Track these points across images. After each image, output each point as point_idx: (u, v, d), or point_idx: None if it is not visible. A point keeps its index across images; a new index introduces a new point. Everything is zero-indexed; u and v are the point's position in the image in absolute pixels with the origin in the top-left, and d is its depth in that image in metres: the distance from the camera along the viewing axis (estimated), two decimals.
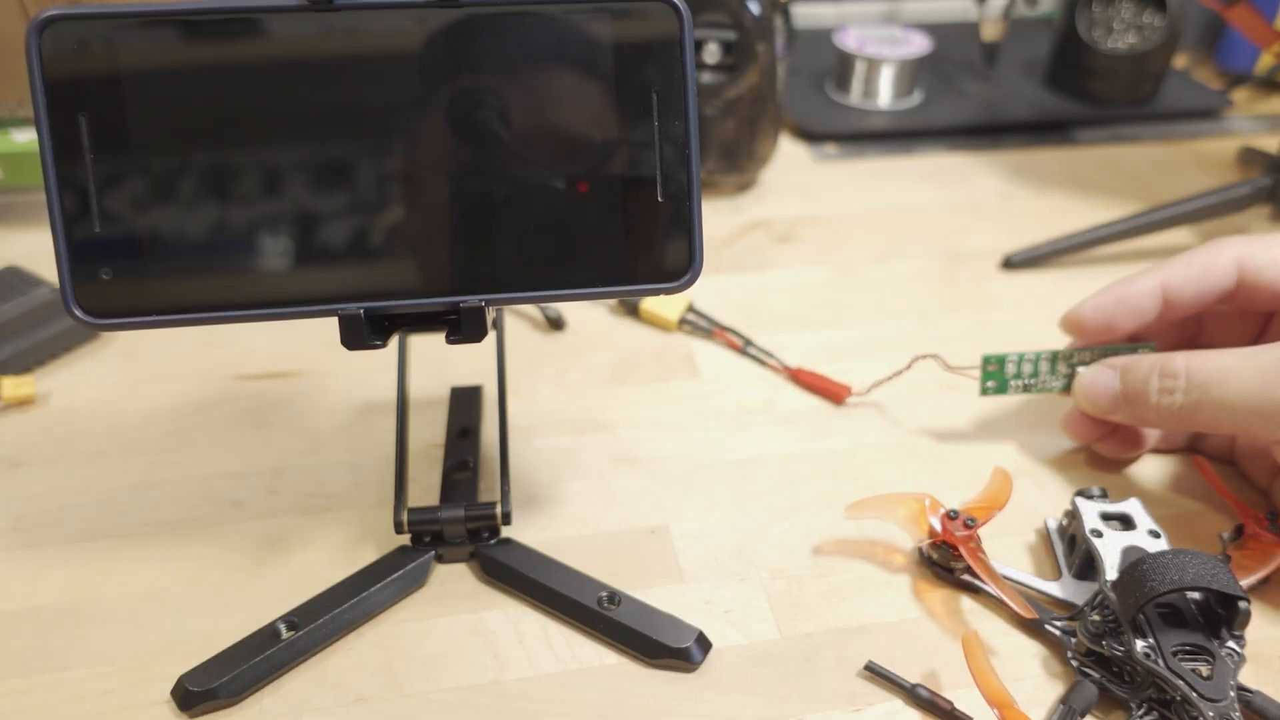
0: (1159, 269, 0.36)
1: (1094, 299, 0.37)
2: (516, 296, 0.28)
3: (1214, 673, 0.28)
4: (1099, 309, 0.36)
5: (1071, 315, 0.37)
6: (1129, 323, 0.36)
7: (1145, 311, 0.36)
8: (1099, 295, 0.37)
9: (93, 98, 0.25)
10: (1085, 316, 0.37)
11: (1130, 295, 0.36)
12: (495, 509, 0.34)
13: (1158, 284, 0.36)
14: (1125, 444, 0.39)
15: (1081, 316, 0.37)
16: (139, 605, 0.34)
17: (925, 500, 0.35)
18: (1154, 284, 0.36)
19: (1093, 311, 0.37)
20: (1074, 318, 0.37)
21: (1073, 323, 0.37)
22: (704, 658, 0.32)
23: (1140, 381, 0.35)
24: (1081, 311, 0.37)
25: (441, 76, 0.26)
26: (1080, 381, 0.38)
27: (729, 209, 0.58)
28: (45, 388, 0.43)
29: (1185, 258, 0.36)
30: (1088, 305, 0.37)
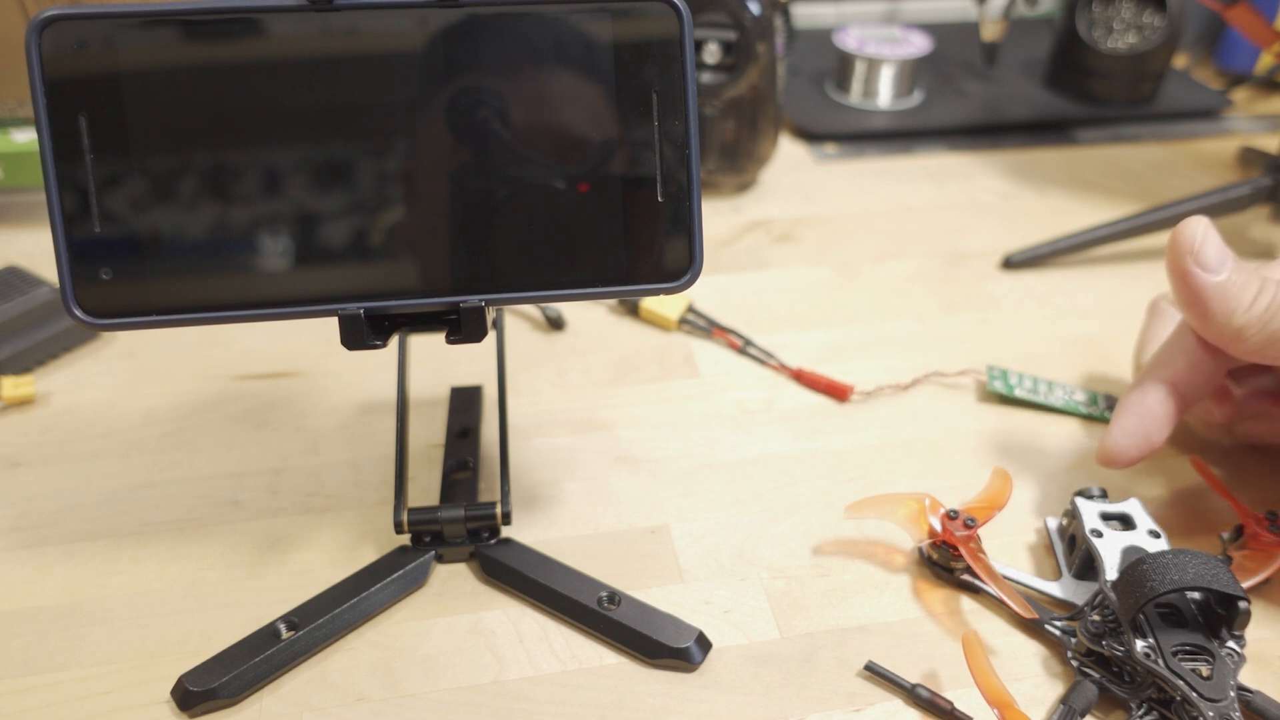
0: (1159, 370, 0.36)
1: (1119, 426, 0.35)
2: (516, 296, 0.28)
3: (1214, 673, 0.28)
4: (1131, 435, 0.35)
5: (1109, 453, 0.35)
6: (1162, 432, 0.35)
7: (1171, 414, 0.35)
8: (1122, 420, 0.35)
9: (93, 98, 0.25)
10: (1125, 449, 0.35)
11: (1151, 408, 0.35)
12: (495, 509, 0.34)
13: (1165, 385, 0.36)
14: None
15: (1120, 451, 0.35)
16: (139, 605, 0.34)
17: (925, 500, 0.35)
18: (1163, 387, 0.35)
19: (1129, 439, 0.35)
20: (1112, 454, 0.35)
21: (1114, 459, 0.35)
22: (704, 658, 0.32)
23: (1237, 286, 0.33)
24: (1118, 445, 0.35)
25: (441, 76, 0.26)
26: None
27: (729, 209, 0.58)
28: (45, 388, 0.43)
29: (1174, 344, 0.36)
30: (1121, 436, 0.35)
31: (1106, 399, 0.43)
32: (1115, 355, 0.46)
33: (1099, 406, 0.43)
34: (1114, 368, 0.46)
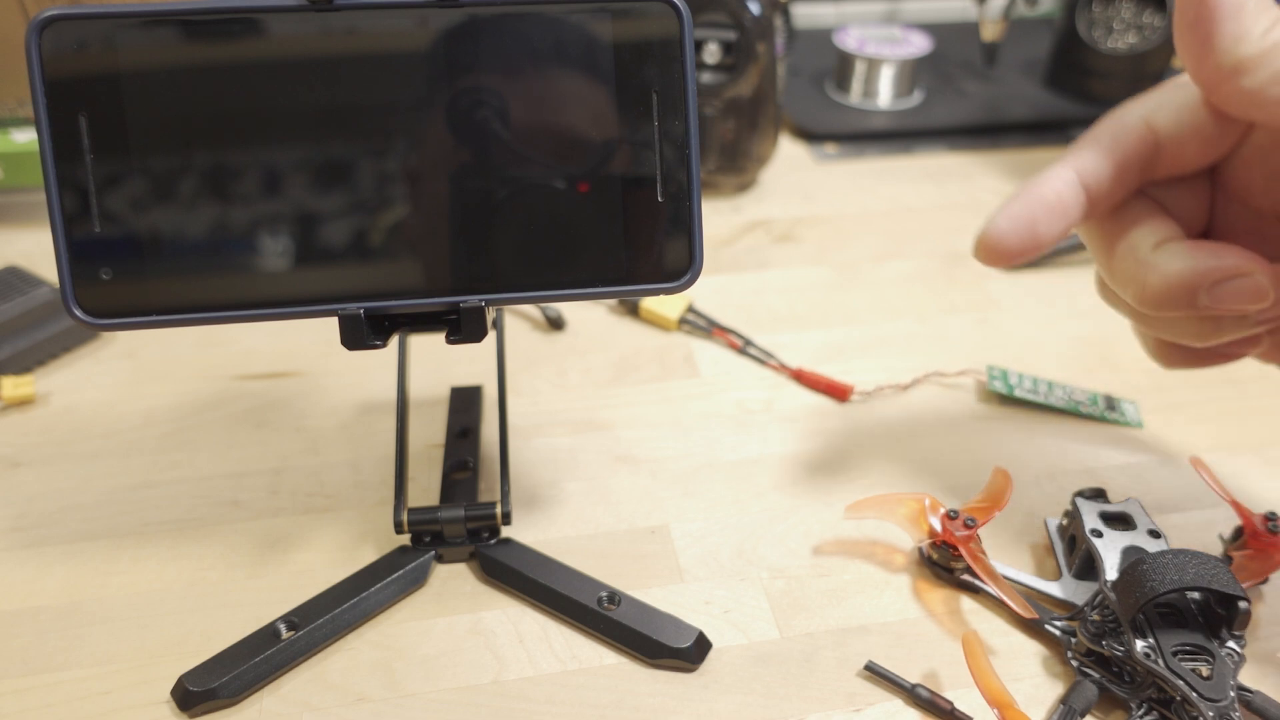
0: (1065, 158, 0.30)
1: (1005, 211, 0.29)
2: (516, 296, 0.28)
3: (1214, 673, 0.28)
4: (1015, 219, 0.29)
5: (986, 239, 0.29)
6: (1054, 225, 0.29)
7: (1067, 206, 0.29)
8: (1009, 205, 0.29)
9: (93, 98, 0.25)
10: (1002, 234, 0.29)
11: (1046, 194, 0.29)
12: (495, 509, 0.34)
13: (1072, 172, 0.29)
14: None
15: (998, 236, 0.29)
16: (139, 605, 0.34)
17: (925, 500, 0.35)
18: (1068, 174, 0.29)
19: (1009, 224, 0.29)
20: (990, 240, 0.29)
21: (990, 247, 0.29)
22: (704, 658, 0.32)
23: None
24: (996, 230, 0.29)
25: (442, 76, 0.26)
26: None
27: (729, 209, 0.58)
28: (45, 388, 0.43)
29: (1088, 136, 0.30)
30: (1000, 221, 0.29)
31: (1106, 399, 0.43)
32: (1115, 355, 0.46)
33: (1099, 406, 0.43)
34: (1114, 368, 0.46)
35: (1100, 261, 0.30)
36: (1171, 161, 0.29)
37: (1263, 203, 0.29)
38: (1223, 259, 0.27)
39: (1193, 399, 0.44)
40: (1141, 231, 0.29)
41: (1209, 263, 0.27)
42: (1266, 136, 0.28)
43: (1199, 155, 0.29)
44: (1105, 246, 0.30)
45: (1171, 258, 0.28)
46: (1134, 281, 0.28)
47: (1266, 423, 0.43)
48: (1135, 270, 0.28)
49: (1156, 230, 0.29)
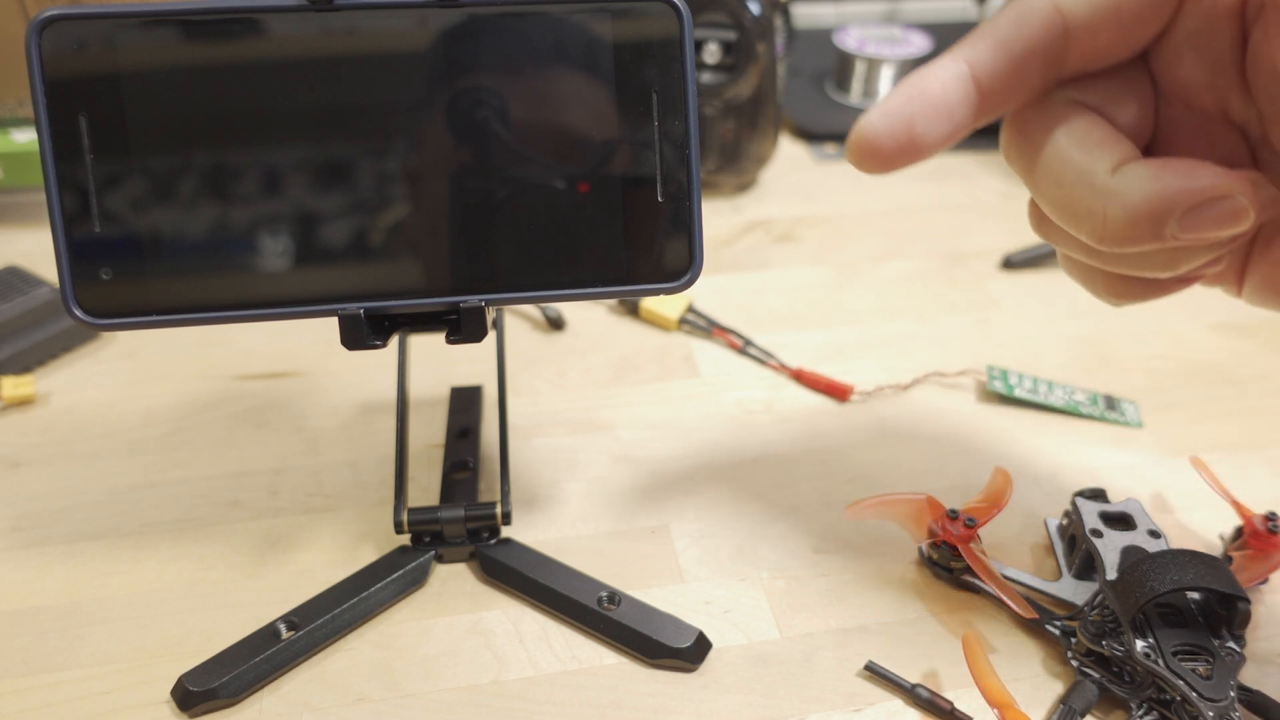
0: (956, 47, 0.25)
1: (880, 107, 0.25)
2: (516, 296, 0.28)
3: (1214, 673, 0.28)
4: (890, 116, 0.25)
5: (857, 137, 0.25)
6: (936, 126, 0.25)
7: (953, 104, 0.25)
8: (885, 100, 0.25)
9: (93, 98, 0.25)
10: (875, 132, 0.24)
11: (928, 88, 0.25)
12: (495, 509, 0.34)
13: (961, 64, 0.25)
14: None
15: (871, 134, 0.25)
16: (139, 605, 0.34)
17: (925, 500, 0.35)
18: (956, 65, 0.25)
19: (883, 121, 0.24)
20: (862, 139, 0.25)
21: (862, 145, 0.25)
22: (704, 658, 0.32)
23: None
24: (869, 127, 0.25)
25: (442, 76, 0.26)
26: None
27: (729, 209, 0.58)
28: (45, 388, 0.43)
29: (986, 23, 0.25)
30: (874, 118, 0.25)
31: (1106, 399, 0.43)
32: (1115, 355, 0.46)
33: (1099, 406, 0.43)
34: (1114, 368, 0.46)
35: (1040, 191, 0.25)
36: (1083, 52, 0.25)
37: (1206, 101, 0.25)
38: (1195, 179, 0.22)
39: (1193, 399, 0.44)
40: (1092, 152, 0.24)
41: (1180, 184, 0.22)
42: (1197, 16, 0.24)
43: (1115, 43, 0.25)
44: (1044, 171, 0.25)
45: (1135, 182, 0.23)
46: (1091, 215, 0.23)
47: (1266, 423, 0.43)
48: (1092, 200, 0.23)
49: (1110, 149, 0.24)
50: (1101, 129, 0.24)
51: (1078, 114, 0.25)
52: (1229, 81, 0.24)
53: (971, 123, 0.25)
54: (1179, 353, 0.47)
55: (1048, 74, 0.25)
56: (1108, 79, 0.25)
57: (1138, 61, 0.25)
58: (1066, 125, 0.25)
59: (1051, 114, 0.25)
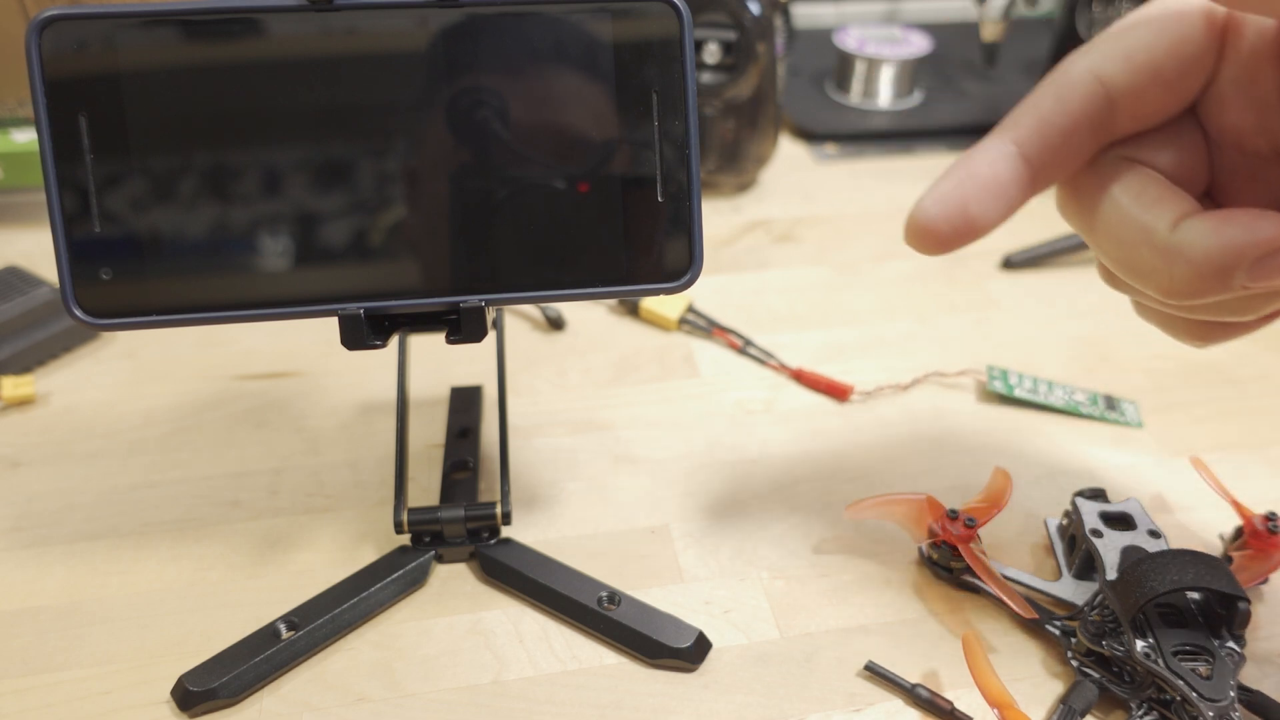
0: (1001, 128, 0.26)
1: (934, 192, 0.25)
2: (516, 296, 0.28)
3: (1214, 673, 0.28)
4: (944, 202, 0.25)
5: (914, 222, 0.25)
6: (990, 206, 0.25)
7: (1004, 183, 0.25)
8: (938, 185, 0.25)
9: (93, 98, 0.25)
10: (931, 219, 0.25)
11: (979, 171, 0.25)
12: (495, 509, 0.34)
13: (1009, 144, 0.25)
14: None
15: (926, 220, 0.25)
16: (139, 605, 0.34)
17: (925, 500, 0.35)
18: (1005, 146, 0.25)
19: (937, 207, 0.25)
20: (918, 224, 0.25)
21: (920, 231, 0.25)
22: (704, 658, 0.32)
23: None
24: (924, 214, 0.25)
25: (442, 76, 0.26)
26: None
27: (729, 209, 0.58)
28: (45, 388, 0.43)
29: (1027, 101, 0.26)
30: (928, 204, 0.25)
31: (1106, 399, 0.43)
32: (1115, 355, 0.46)
33: (1099, 406, 0.43)
34: (1114, 368, 0.46)
35: (1102, 251, 0.26)
36: (1131, 115, 0.25)
37: (1259, 143, 0.25)
38: (1258, 230, 0.22)
39: (1193, 399, 0.44)
40: (1150, 210, 0.24)
41: (1243, 237, 0.22)
42: (1239, 63, 0.24)
43: (1162, 103, 0.25)
44: (1104, 232, 0.25)
45: (1197, 238, 0.23)
46: (1156, 273, 0.24)
47: (1266, 423, 0.43)
48: (1155, 260, 0.23)
49: (1168, 205, 0.24)
50: (1158, 185, 0.24)
51: (1132, 171, 0.25)
52: (1278, 122, 0.24)
53: (1026, 197, 0.26)
54: (1179, 353, 0.47)
55: (1098, 140, 0.25)
56: (1157, 132, 0.25)
57: (1186, 112, 0.25)
58: (1122, 183, 0.25)
59: (1105, 173, 0.25)
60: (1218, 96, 0.25)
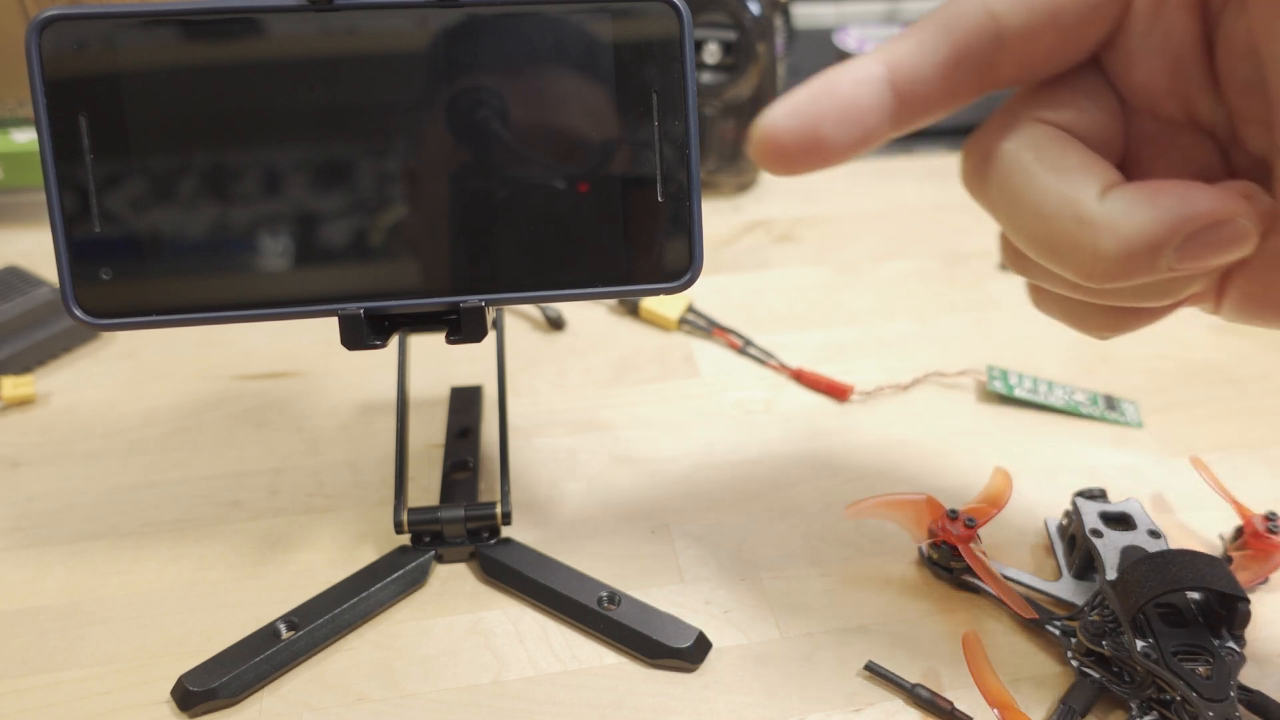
0: (879, 47, 0.23)
1: (787, 101, 0.22)
2: (516, 296, 0.28)
3: (1214, 673, 0.28)
4: (795, 114, 0.22)
5: (763, 130, 0.22)
6: (843, 131, 0.22)
7: (864, 109, 0.22)
8: (793, 94, 0.22)
9: (93, 98, 0.25)
10: (777, 129, 0.22)
11: (839, 88, 0.22)
12: (495, 509, 0.34)
13: (880, 66, 0.22)
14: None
15: (772, 129, 0.22)
16: (139, 605, 0.34)
17: (925, 500, 0.35)
18: (874, 67, 0.22)
19: (788, 118, 0.22)
20: (766, 133, 0.22)
21: (764, 141, 0.22)
22: (704, 658, 0.32)
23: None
24: (773, 122, 0.22)
25: (442, 76, 0.26)
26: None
27: (729, 209, 0.58)
28: (45, 388, 0.43)
29: (914, 25, 0.23)
30: (780, 111, 0.22)
31: (1106, 399, 0.43)
32: (1115, 355, 0.46)
33: (1099, 406, 0.43)
34: (1114, 368, 0.46)
35: (1014, 225, 0.22)
36: (1018, 60, 0.22)
37: (1171, 107, 0.23)
38: (1193, 203, 0.20)
39: (1193, 399, 0.44)
40: (1072, 178, 0.21)
41: (1177, 210, 0.20)
42: (1148, 13, 0.21)
43: (1055, 50, 0.22)
44: (1017, 203, 0.22)
45: (1126, 210, 0.20)
46: (1079, 249, 0.21)
47: (1266, 423, 0.43)
48: (1078, 233, 0.21)
49: (1092, 173, 0.21)
50: (1079, 152, 0.22)
51: (1048, 135, 0.22)
52: (1193, 82, 0.22)
53: (887, 130, 0.23)
54: (1179, 353, 0.47)
55: (980, 83, 0.23)
56: (1072, 92, 0.23)
57: (1099, 72, 0.23)
58: (1038, 149, 0.22)
59: (1018, 136, 0.22)
60: (1125, 51, 0.22)
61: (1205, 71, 0.22)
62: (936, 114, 0.23)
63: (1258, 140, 0.22)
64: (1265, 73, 0.20)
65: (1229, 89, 0.22)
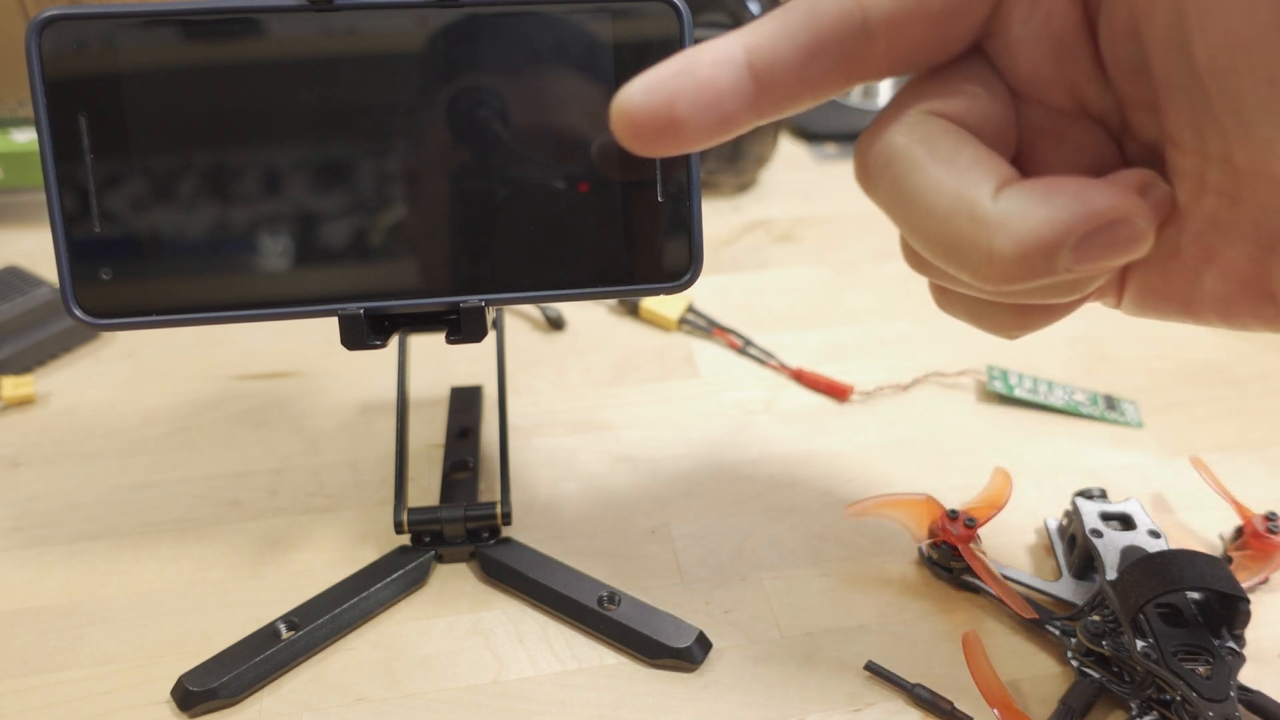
0: (744, 29, 0.21)
1: (650, 74, 0.21)
2: (516, 296, 0.28)
3: (1214, 673, 0.28)
4: (652, 90, 0.21)
5: (620, 106, 0.21)
6: (699, 113, 0.21)
7: (721, 92, 0.21)
8: (658, 69, 0.21)
9: (93, 98, 0.25)
10: (636, 105, 0.20)
11: (697, 66, 0.21)
12: (495, 509, 0.34)
13: (739, 49, 0.21)
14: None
15: (631, 105, 0.20)
16: (139, 605, 0.34)
17: (925, 500, 0.35)
18: (734, 49, 0.21)
19: (644, 94, 0.20)
20: (623, 108, 0.21)
21: (621, 116, 0.21)
22: (704, 657, 0.32)
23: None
24: (631, 98, 0.20)
25: (442, 76, 0.26)
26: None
27: (729, 209, 0.58)
28: (45, 388, 0.43)
29: (781, 8, 0.21)
30: (638, 87, 0.21)
31: (1106, 399, 0.43)
32: (1115, 355, 0.46)
33: (1099, 406, 0.43)
34: (1114, 368, 0.46)
35: (908, 225, 0.21)
36: (890, 52, 0.21)
37: (1060, 96, 0.22)
38: (1088, 201, 0.19)
39: (1193, 399, 0.44)
40: (965, 175, 0.20)
41: (1072, 208, 0.19)
42: (1028, 0, 0.20)
43: (926, 42, 0.21)
44: (910, 202, 0.21)
45: (1020, 208, 0.19)
46: (973, 250, 0.20)
47: (1266, 423, 0.43)
48: (973, 233, 0.19)
49: (986, 170, 0.20)
50: (972, 147, 0.21)
51: (940, 129, 0.21)
52: (1079, 69, 0.21)
53: (749, 116, 0.21)
54: (1179, 353, 0.47)
55: (848, 73, 0.21)
56: (963, 82, 0.22)
57: (987, 61, 0.22)
58: (931, 144, 0.21)
59: (909, 131, 0.21)
60: (1006, 39, 0.21)
61: (1090, 58, 0.21)
62: (803, 102, 0.22)
63: (1148, 128, 0.21)
64: (1147, 55, 0.20)
65: (1115, 74, 0.21)
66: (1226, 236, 0.21)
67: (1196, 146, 0.20)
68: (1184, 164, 0.21)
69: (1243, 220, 0.21)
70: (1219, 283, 0.22)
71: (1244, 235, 0.21)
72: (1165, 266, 0.22)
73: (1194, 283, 0.22)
